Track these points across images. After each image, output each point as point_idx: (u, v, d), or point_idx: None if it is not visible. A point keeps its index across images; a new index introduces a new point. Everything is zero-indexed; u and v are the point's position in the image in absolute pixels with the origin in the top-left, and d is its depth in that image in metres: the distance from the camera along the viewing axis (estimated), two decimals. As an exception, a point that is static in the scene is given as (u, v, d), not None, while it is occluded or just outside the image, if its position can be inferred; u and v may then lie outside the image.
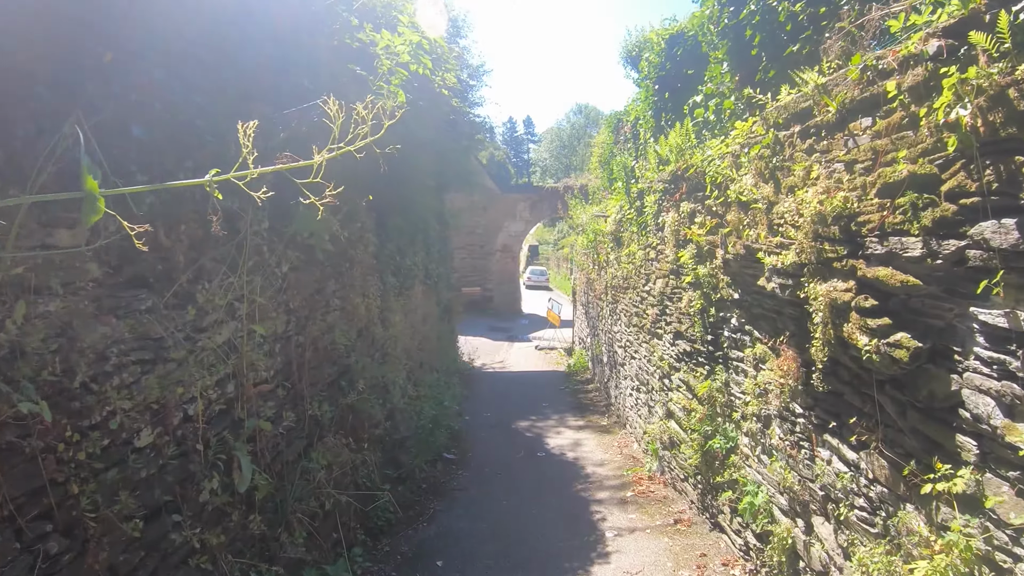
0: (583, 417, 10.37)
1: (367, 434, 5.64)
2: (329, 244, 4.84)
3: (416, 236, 9.03)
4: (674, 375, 6.85)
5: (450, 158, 13.52)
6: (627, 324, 9.22)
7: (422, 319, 10.02)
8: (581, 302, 15.63)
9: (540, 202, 29.23)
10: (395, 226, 7.18)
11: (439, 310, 12.75)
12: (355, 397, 5.33)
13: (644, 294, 8.10)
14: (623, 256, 9.40)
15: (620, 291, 9.65)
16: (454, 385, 10.87)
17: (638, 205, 8.61)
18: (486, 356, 19.53)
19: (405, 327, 7.86)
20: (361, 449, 5.36)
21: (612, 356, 10.57)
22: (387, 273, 6.99)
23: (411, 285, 8.48)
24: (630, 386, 9.14)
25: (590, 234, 11.58)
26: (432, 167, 9.18)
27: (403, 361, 7.59)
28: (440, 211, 13.13)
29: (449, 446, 8.19)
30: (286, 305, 4.52)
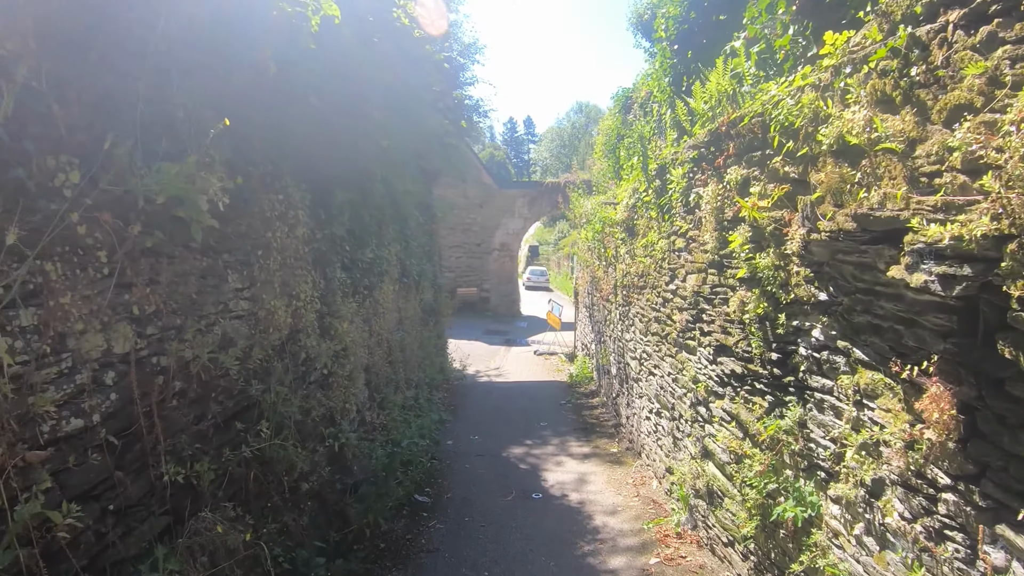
0: (588, 442, 8.67)
1: (286, 493, 3.95)
2: (211, 219, 3.14)
3: (386, 224, 7.35)
4: (714, 403, 5.15)
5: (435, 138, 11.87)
6: (643, 332, 7.53)
7: (396, 324, 8.34)
8: (584, 304, 13.93)
9: (539, 198, 27.57)
10: (346, 207, 5.50)
11: (422, 313, 11.06)
12: (261, 443, 3.64)
13: (668, 294, 6.41)
14: (638, 248, 7.71)
15: (634, 291, 7.97)
16: (436, 404, 9.17)
17: (657, 185, 6.92)
18: (480, 362, 17.88)
19: (363, 337, 6.17)
20: (269, 518, 3.66)
21: (623, 369, 8.88)
22: (333, 267, 5.30)
23: (375, 284, 6.79)
24: (648, 408, 7.45)
25: (597, 223, 9.88)
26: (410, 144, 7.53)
27: (358, 382, 5.90)
28: (425, 200, 11.46)
29: (423, 484, 6.50)
30: (128, 310, 2.83)
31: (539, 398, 11.63)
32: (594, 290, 11.91)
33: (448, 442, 8.42)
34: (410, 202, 9.43)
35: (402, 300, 8.80)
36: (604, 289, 10.20)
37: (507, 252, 27.80)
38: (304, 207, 4.61)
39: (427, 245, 11.67)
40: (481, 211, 27.60)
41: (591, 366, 12.89)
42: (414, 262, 9.56)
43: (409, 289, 9.36)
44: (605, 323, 10.55)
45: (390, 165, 7.81)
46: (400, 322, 8.60)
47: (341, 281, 5.39)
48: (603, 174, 12.80)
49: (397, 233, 8.48)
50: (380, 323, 6.97)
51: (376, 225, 6.83)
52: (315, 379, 4.87)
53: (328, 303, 5.16)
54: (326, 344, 5.02)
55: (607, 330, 10.34)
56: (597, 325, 11.65)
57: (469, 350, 19.01)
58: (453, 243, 27.34)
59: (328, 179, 5.08)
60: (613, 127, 14.34)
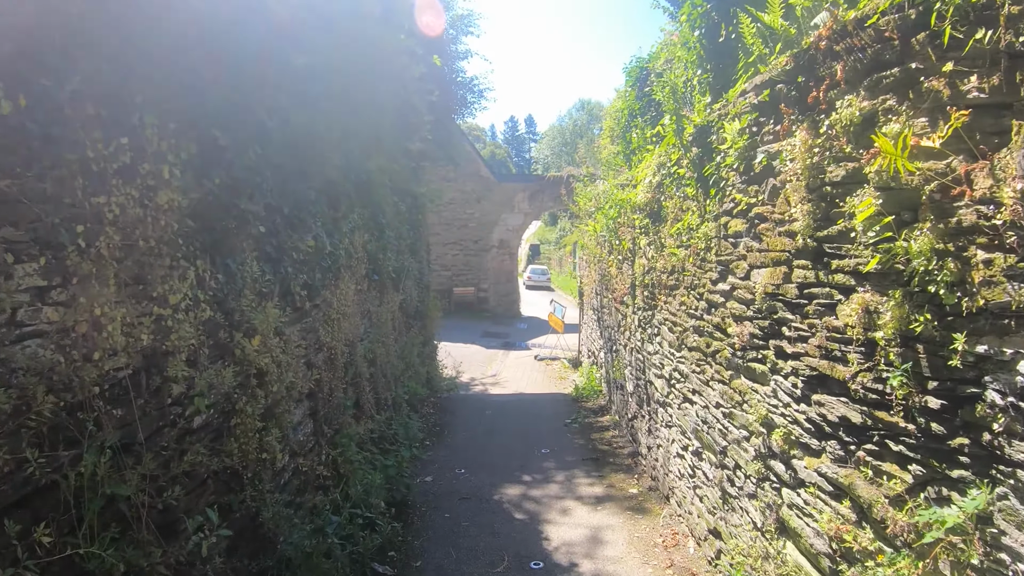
0: (601, 478, 7.01)
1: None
2: None
3: (345, 206, 5.69)
4: (802, 461, 3.49)
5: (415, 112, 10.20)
6: (675, 344, 5.86)
7: (364, 332, 6.68)
8: (592, 306, 12.27)
9: (541, 192, 25.96)
10: (266, 171, 3.86)
11: (404, 317, 9.41)
12: (61, 549, 2.00)
13: (716, 297, 4.75)
14: (667, 237, 6.05)
15: (661, 292, 6.30)
16: (415, 429, 7.50)
17: (696, 154, 5.28)
18: (476, 368, 16.27)
19: (301, 354, 4.52)
20: None
21: (644, 387, 7.22)
22: (241, 256, 3.64)
23: (324, 282, 5.12)
24: (681, 443, 5.79)
25: (610, 209, 8.22)
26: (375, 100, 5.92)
27: (290, 417, 4.23)
28: (408, 186, 9.80)
29: (385, 548, 4.85)
30: None
31: (540, 415, 9.96)
32: (604, 290, 10.24)
33: (427, 478, 6.76)
34: (384, 183, 7.77)
35: (373, 302, 7.14)
36: (618, 289, 8.54)
37: (506, 249, 26.17)
38: (176, 161, 2.94)
39: (411, 238, 10.02)
40: (479, 206, 25.99)
41: (599, 377, 11.23)
42: (391, 256, 7.90)
43: (384, 289, 7.71)
44: (619, 329, 8.88)
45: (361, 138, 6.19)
46: (370, 329, 6.94)
47: (255, 277, 3.72)
48: (611, 162, 11.11)
49: (366, 220, 6.83)
50: (334, 333, 5.31)
51: (326, 205, 5.17)
52: (200, 425, 3.21)
53: (229, 309, 3.50)
54: (221, 372, 3.36)
55: (621, 338, 8.68)
56: (608, 331, 9.99)
57: (464, 355, 17.39)
58: (449, 240, 25.72)
59: (231, 125, 3.43)
60: (623, 107, 12.70)
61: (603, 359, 10.77)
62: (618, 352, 8.96)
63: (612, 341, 9.54)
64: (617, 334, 9.03)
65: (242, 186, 3.55)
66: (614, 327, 9.33)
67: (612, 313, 9.44)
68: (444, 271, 25.71)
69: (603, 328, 10.55)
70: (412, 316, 10.14)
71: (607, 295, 9.92)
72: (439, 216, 25.57)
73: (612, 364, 9.46)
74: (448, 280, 25.66)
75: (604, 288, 10.28)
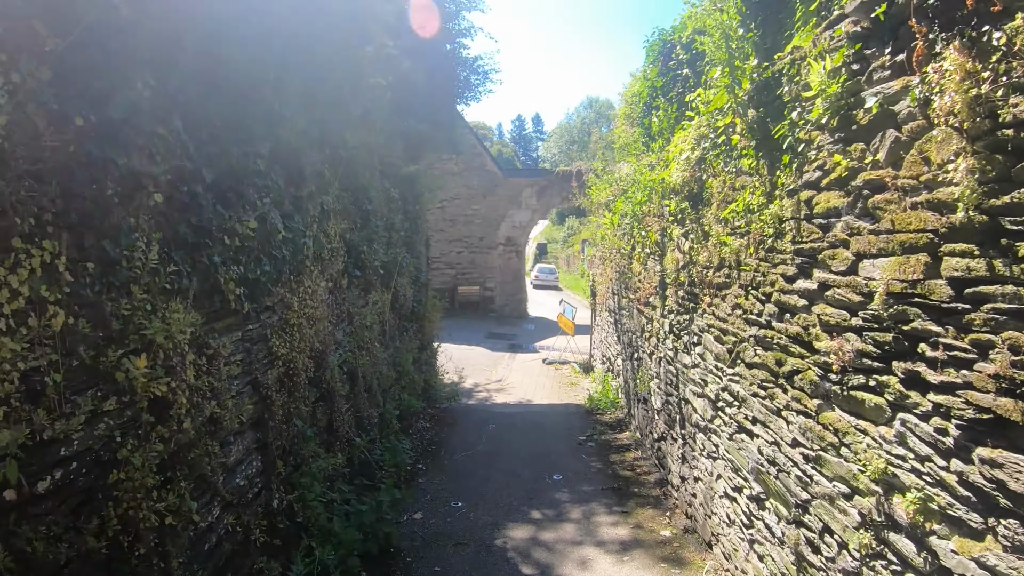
0: (625, 514, 5.85)
1: None
2: None
3: (310, 184, 4.55)
4: (943, 540, 2.31)
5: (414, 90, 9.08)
6: (725, 357, 4.69)
7: (343, 339, 5.56)
8: (607, 307, 11.09)
9: (549, 188, 24.78)
10: (166, 112, 2.72)
11: (397, 319, 8.28)
12: None
13: (794, 298, 3.58)
14: (714, 222, 4.87)
15: (705, 291, 5.12)
16: (401, 455, 6.35)
17: (757, 116, 4.12)
18: (480, 373, 15.14)
19: (233, 374, 3.38)
20: None
21: (676, 405, 6.04)
22: (135, 240, 2.50)
23: (277, 277, 3.98)
24: (731, 483, 4.61)
25: (636, 193, 7.02)
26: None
27: (206, 461, 3.08)
28: (403, 172, 8.68)
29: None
30: None
31: (551, 431, 8.80)
32: (623, 290, 9.08)
33: (415, 515, 5.63)
34: (372, 165, 6.65)
35: (354, 302, 6.01)
36: (643, 288, 7.37)
37: (513, 247, 24.99)
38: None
39: (406, 230, 8.89)
40: (485, 201, 24.84)
41: (616, 387, 10.07)
42: (379, 249, 6.76)
43: (369, 286, 6.58)
44: (642, 335, 7.71)
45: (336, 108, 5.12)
46: (350, 335, 5.81)
47: (151, 268, 2.58)
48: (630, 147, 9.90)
49: (345, 205, 5.70)
50: (293, 342, 4.18)
51: (283, 179, 4.04)
52: (48, 490, 2.09)
53: (105, 315, 2.36)
54: (89, 407, 2.23)
55: (645, 345, 7.50)
56: (628, 336, 8.81)
57: (467, 358, 16.27)
58: (453, 236, 24.61)
59: (110, 36, 2.30)
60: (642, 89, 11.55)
61: (621, 367, 9.60)
62: (641, 361, 7.79)
63: (633, 348, 8.37)
64: (640, 340, 7.85)
65: (125, 135, 2.42)
66: (636, 332, 8.16)
67: (633, 316, 8.27)
68: (448, 269, 24.61)
69: (621, 332, 9.38)
70: (407, 318, 9.01)
71: (627, 295, 8.75)
72: (443, 212, 24.47)
73: (633, 375, 8.30)
74: (452, 279, 24.55)
75: (623, 287, 9.11)
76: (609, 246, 10.39)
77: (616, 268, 9.63)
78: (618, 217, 9.20)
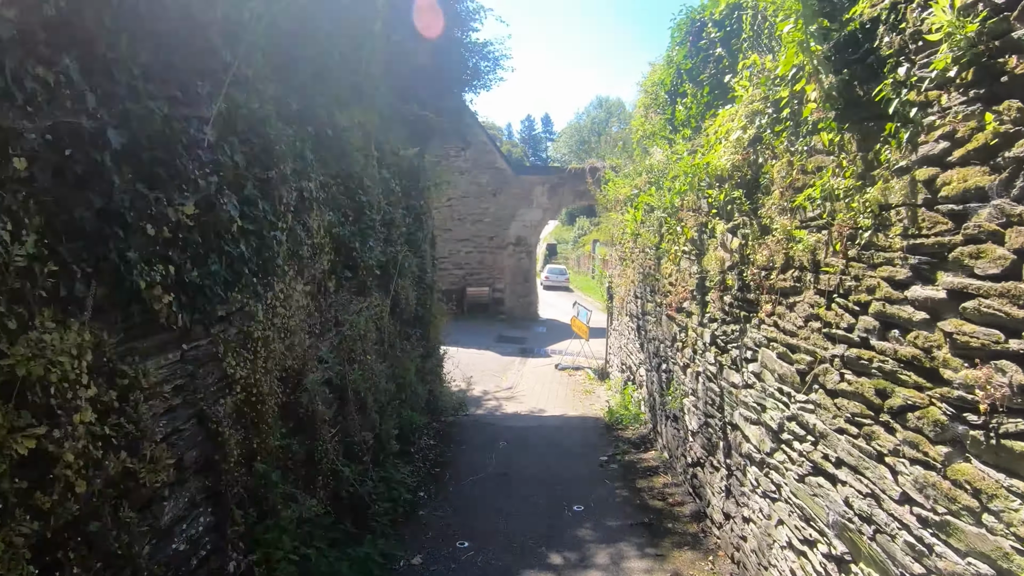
0: (660, 557, 4.98)
1: None
2: None
3: (282, 164, 3.71)
4: None
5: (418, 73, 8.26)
6: (794, 380, 3.79)
7: (328, 352, 4.73)
8: (628, 311, 10.20)
9: (561, 185, 23.89)
10: (29, 37, 1.86)
11: (399, 325, 7.45)
12: None
13: (907, 310, 2.67)
14: (778, 213, 3.98)
15: (765, 297, 4.21)
16: (399, 488, 5.50)
17: (837, 82, 3.27)
18: (489, 379, 14.31)
19: (160, 410, 2.55)
20: None
21: (721, 430, 5.15)
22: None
23: (242, 281, 3.14)
24: (799, 534, 3.71)
25: (676, 182, 6.10)
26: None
27: (109, 537, 2.24)
28: (403, 161, 7.86)
29: None
30: None
31: (568, 449, 7.93)
32: (649, 293, 8.19)
33: (414, 559, 4.78)
34: (368, 150, 5.82)
35: (344, 308, 5.17)
36: (674, 292, 6.49)
37: (524, 247, 24.11)
38: None
39: (409, 227, 8.05)
40: (494, 200, 24.00)
41: (638, 399, 9.19)
42: (376, 247, 5.91)
43: (364, 290, 5.74)
44: (673, 344, 6.82)
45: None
46: (338, 347, 4.97)
47: (22, 266, 1.76)
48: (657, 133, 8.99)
49: (333, 195, 4.87)
50: (256, 362, 3.34)
51: (241, 155, 3.21)
52: None
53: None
54: None
55: (678, 356, 6.62)
56: (654, 344, 7.92)
57: (476, 363, 15.44)
58: (462, 236, 23.78)
59: None
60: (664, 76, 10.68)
61: (644, 378, 8.71)
62: (671, 374, 6.90)
63: (661, 358, 7.48)
64: (670, 350, 6.96)
65: None
66: (664, 341, 7.27)
67: (661, 323, 7.38)
68: (457, 270, 23.79)
69: (646, 340, 8.49)
70: (410, 323, 8.18)
71: (653, 299, 7.87)
72: (451, 210, 23.66)
73: (661, 388, 7.41)
74: (461, 280, 23.72)
75: (648, 290, 8.23)
76: (630, 245, 9.51)
77: (639, 269, 8.74)
78: (642, 213, 8.31)
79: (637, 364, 9.37)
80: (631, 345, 9.90)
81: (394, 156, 7.29)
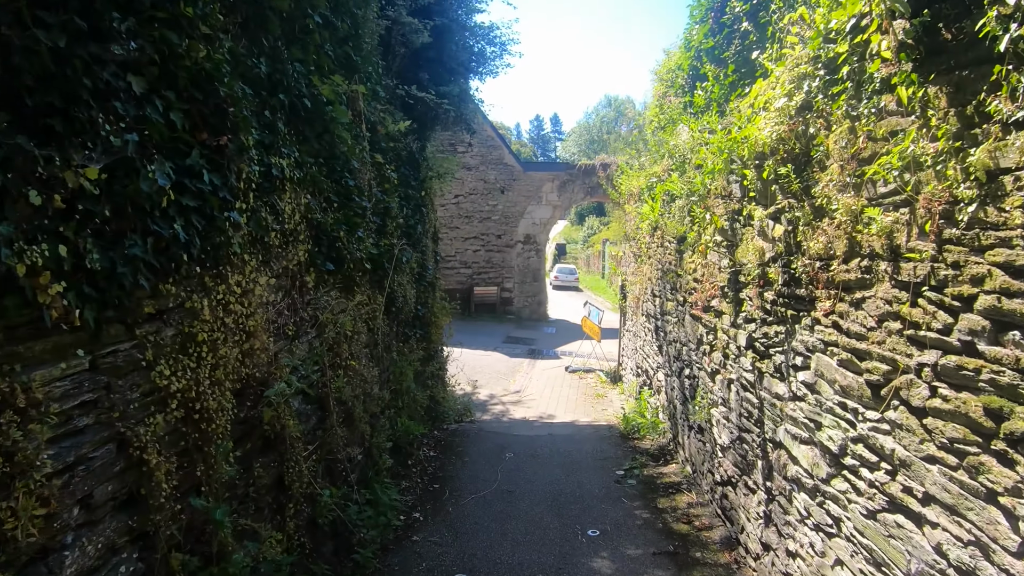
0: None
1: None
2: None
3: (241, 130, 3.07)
4: None
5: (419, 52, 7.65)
6: (862, 392, 3.11)
7: (303, 360, 4.10)
8: (645, 311, 9.52)
9: (571, 182, 23.22)
10: None
11: (395, 327, 6.83)
12: None
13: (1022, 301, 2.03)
14: (835, 192, 3.29)
15: (820, 292, 3.52)
16: (386, 511, 4.85)
17: (918, 24, 2.58)
18: (496, 382, 13.70)
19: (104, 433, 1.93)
20: None
21: (759, 447, 4.46)
22: None
23: (181, 271, 2.51)
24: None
25: (714, 157, 5.37)
26: None
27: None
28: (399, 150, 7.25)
29: None
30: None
31: (580, 462, 7.26)
32: (669, 290, 7.51)
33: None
34: (358, 130, 5.19)
35: (325, 307, 4.53)
36: (701, 289, 5.81)
37: (533, 245, 23.45)
38: None
39: (408, 219, 7.43)
40: (503, 197, 23.35)
41: (656, 405, 8.50)
42: (366, 238, 5.28)
43: (351, 286, 5.11)
44: (698, 348, 6.14)
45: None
46: (315, 354, 4.33)
47: None
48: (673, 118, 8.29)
49: (312, 175, 4.23)
50: (200, 372, 2.71)
51: (181, 114, 2.58)
52: None
53: None
54: None
55: (704, 361, 5.93)
56: (675, 347, 7.24)
57: (483, 364, 14.84)
58: (469, 234, 23.16)
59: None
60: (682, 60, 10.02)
61: (663, 383, 8.03)
62: (697, 380, 6.21)
63: (683, 362, 6.80)
64: (695, 354, 6.28)
65: None
66: (688, 343, 6.59)
67: (684, 324, 6.70)
68: (464, 269, 23.17)
69: (666, 343, 7.80)
70: (409, 324, 7.55)
71: (674, 297, 7.18)
72: (458, 208, 23.05)
73: (684, 396, 6.73)
74: (468, 279, 23.10)
75: (668, 288, 7.55)
76: (647, 240, 8.84)
77: (657, 265, 8.06)
78: (660, 204, 7.63)
79: (654, 368, 8.68)
80: (648, 347, 9.22)
81: (390, 141, 6.66)
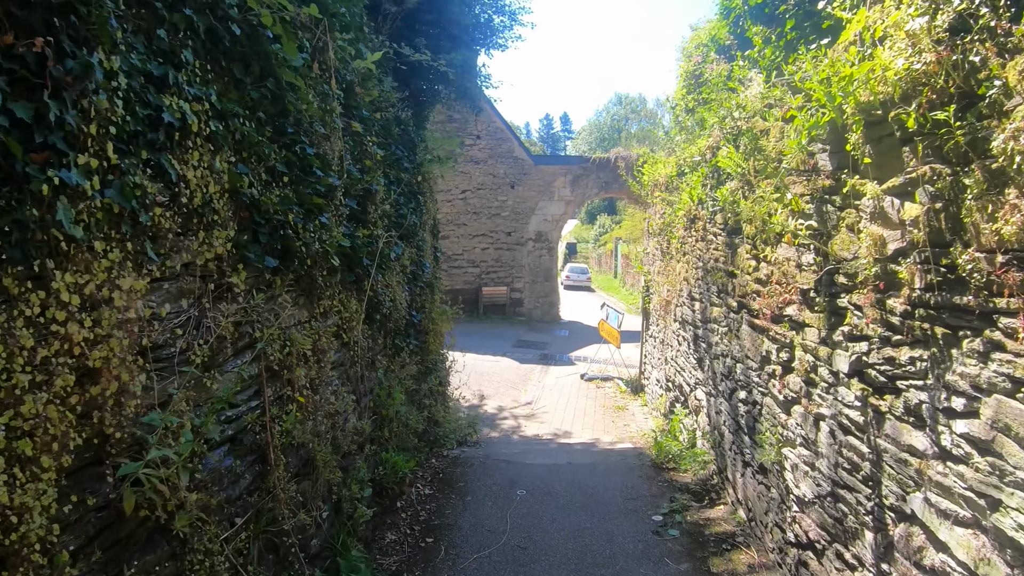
0: None
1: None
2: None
3: (173, 67, 1.82)
4: None
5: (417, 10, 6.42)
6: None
7: (231, 387, 2.87)
8: (681, 317, 8.20)
9: (584, 176, 21.92)
10: None
11: (382, 336, 5.59)
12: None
13: None
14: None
15: (1020, 301, 2.26)
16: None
17: None
18: (506, 392, 12.46)
19: None
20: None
21: (874, 519, 3.15)
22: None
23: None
24: None
25: (810, 117, 4.06)
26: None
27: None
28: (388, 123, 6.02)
29: None
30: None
31: (606, 502, 5.97)
32: (715, 293, 6.20)
33: None
34: (317, 85, 3.94)
35: (269, 319, 3.28)
36: (768, 293, 4.50)
37: (544, 243, 22.16)
38: None
39: (399, 207, 6.18)
40: (513, 192, 22.08)
41: (693, 427, 7.21)
42: (335, 226, 4.02)
43: (313, 289, 3.86)
44: (763, 367, 4.84)
45: None
46: (254, 379, 3.10)
47: None
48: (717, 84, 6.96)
49: (242, 131, 2.99)
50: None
51: None
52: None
53: None
54: None
55: (772, 385, 4.63)
56: (724, 362, 5.93)
57: (492, 372, 13.62)
58: (477, 231, 21.91)
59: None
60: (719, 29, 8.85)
61: (704, 404, 6.73)
62: (760, 408, 4.91)
63: (737, 383, 5.49)
64: (756, 375, 4.97)
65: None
66: (745, 360, 5.28)
67: (740, 335, 5.40)
68: (472, 268, 21.94)
69: (710, 355, 6.49)
70: (401, 333, 6.30)
71: (723, 301, 5.88)
72: (466, 203, 21.83)
73: (739, 425, 5.42)
74: (476, 279, 21.87)
75: (713, 290, 6.24)
76: (681, 233, 7.54)
77: (697, 262, 6.76)
78: (702, 189, 6.34)
79: (691, 384, 7.37)
80: (682, 359, 7.91)
81: (375, 110, 5.42)
